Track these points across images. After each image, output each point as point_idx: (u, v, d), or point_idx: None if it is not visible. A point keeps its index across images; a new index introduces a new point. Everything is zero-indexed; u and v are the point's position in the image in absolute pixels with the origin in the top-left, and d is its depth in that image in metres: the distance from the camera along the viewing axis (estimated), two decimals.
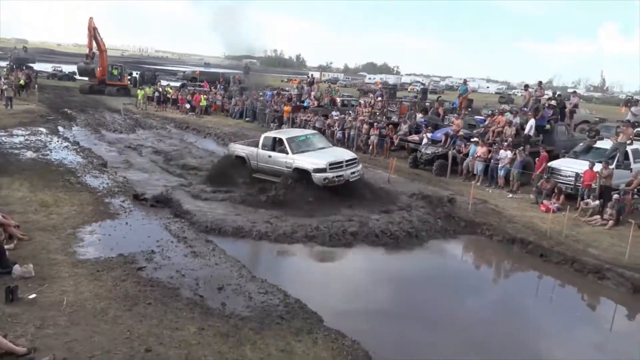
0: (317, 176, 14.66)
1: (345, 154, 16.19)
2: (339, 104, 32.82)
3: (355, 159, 15.95)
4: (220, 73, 55.73)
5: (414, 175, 19.35)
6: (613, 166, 15.78)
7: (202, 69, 70.75)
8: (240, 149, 17.18)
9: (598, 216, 14.21)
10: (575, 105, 23.56)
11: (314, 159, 15.08)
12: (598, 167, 15.35)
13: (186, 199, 14.29)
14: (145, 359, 6.52)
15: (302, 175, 14.94)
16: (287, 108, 29.49)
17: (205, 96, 36.65)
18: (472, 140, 19.21)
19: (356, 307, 9.39)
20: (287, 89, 44.65)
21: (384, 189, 16.20)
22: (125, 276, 8.94)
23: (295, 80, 57.32)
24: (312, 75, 46.04)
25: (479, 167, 18.16)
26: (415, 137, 22.12)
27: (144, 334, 7.07)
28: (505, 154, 17.38)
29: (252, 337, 7.32)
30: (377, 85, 46.61)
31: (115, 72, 44.45)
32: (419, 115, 25.04)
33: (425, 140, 20.95)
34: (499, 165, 17.49)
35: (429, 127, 22.04)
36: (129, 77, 48.55)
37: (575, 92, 30.17)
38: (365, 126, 23.79)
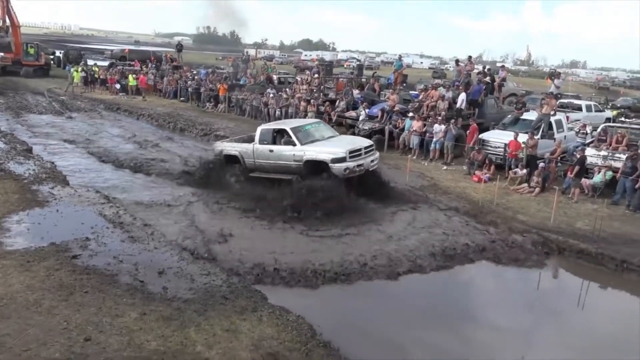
0: (336, 167, 12.80)
1: (361, 141, 14.45)
2: (276, 81, 32.52)
3: (372, 145, 14.19)
4: (151, 51, 53.60)
5: None
6: (538, 136, 16.63)
7: (131, 47, 67.75)
8: (230, 147, 15.11)
9: (525, 184, 15.01)
10: (504, 79, 24.53)
11: (330, 148, 13.25)
12: (524, 137, 16.13)
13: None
14: (85, 348, 6.34)
15: (315, 168, 13.14)
16: (222, 86, 28.93)
17: (135, 76, 35.23)
18: (407, 114, 19.63)
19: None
20: (222, 67, 43.69)
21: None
22: (59, 265, 8.56)
23: (230, 58, 56.13)
24: (247, 52, 45.29)
25: (414, 141, 18.63)
26: (352, 113, 22.33)
27: (82, 323, 6.85)
28: (439, 128, 17.90)
29: (196, 319, 7.26)
30: (313, 62, 46.46)
31: (31, 50, 41.28)
32: (356, 92, 25.24)
33: (362, 116, 21.19)
34: (434, 139, 18.01)
35: (365, 103, 22.29)
36: (51, 57, 45.68)
37: (503, 66, 31.41)
38: (303, 103, 23.73)
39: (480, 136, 17.51)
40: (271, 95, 25.62)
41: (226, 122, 24.75)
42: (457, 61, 23.25)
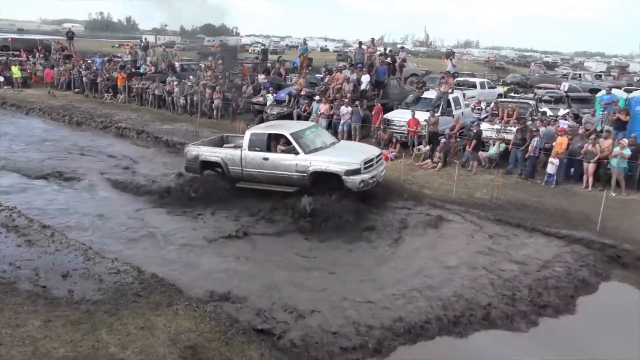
0: (351, 180, 11.46)
1: (370, 149, 13.30)
2: (179, 68, 31.39)
3: (381, 153, 13.21)
4: (37, 40, 49.55)
5: None
6: (438, 114, 17.46)
7: (15, 36, 62.22)
8: (209, 152, 13.07)
9: (429, 160, 15.75)
10: (404, 60, 25.40)
11: (341, 158, 11.82)
12: (426, 115, 16.87)
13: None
14: None
15: (323, 180, 11.79)
16: (120, 76, 27.47)
17: (20, 67, 32.43)
18: (314, 98, 19.80)
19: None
20: (119, 55, 41.41)
21: None
22: None
23: (127, 45, 53.22)
24: (145, 39, 43.28)
25: (323, 123, 18.84)
26: (260, 99, 22.15)
27: None
28: (346, 110, 18.24)
29: (108, 320, 6.95)
30: (216, 48, 45.32)
31: None
32: (262, 76, 25.05)
33: (269, 101, 21.08)
34: (341, 121, 18.34)
35: (271, 88, 22.17)
36: None
37: (403, 47, 32.55)
38: (208, 90, 23.17)
39: (385, 116, 18.08)
40: (175, 83, 24.73)
41: (127, 113, 23.60)
42: (360, 43, 23.69)
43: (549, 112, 19.20)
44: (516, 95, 25.92)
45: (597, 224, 10.89)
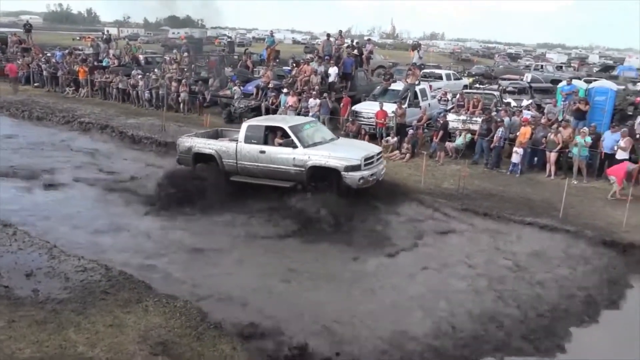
0: (350, 176, 11.19)
1: (371, 146, 12.92)
2: (143, 61, 30.73)
3: (381, 152, 12.97)
4: None
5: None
6: (406, 105, 17.62)
7: None
8: (203, 144, 12.67)
9: (397, 151, 15.91)
10: (371, 52, 25.47)
11: (341, 153, 11.49)
12: (393, 107, 17.01)
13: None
14: None
15: (321, 176, 11.52)
16: (82, 69, 26.71)
17: None
18: (282, 90, 19.70)
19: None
20: (80, 47, 40.26)
21: None
22: None
23: (88, 37, 51.80)
24: (108, 31, 42.21)
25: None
26: (227, 92, 21.92)
27: None
28: (314, 102, 18.22)
29: (75, 319, 6.80)
30: (181, 40, 44.56)
31: None
32: (229, 69, 24.78)
33: (237, 94, 20.88)
34: (310, 113, 18.30)
35: (238, 81, 21.94)
36: None
37: (370, 39, 32.64)
38: (174, 84, 22.79)
39: (353, 108, 18.15)
40: (139, 76, 24.23)
41: (91, 108, 22.99)
42: (328, 35, 23.65)
43: (513, 103, 19.59)
44: (481, 86, 26.36)
45: (559, 210, 11.23)
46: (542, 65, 40.98)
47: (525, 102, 19.46)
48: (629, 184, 12.39)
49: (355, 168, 11.22)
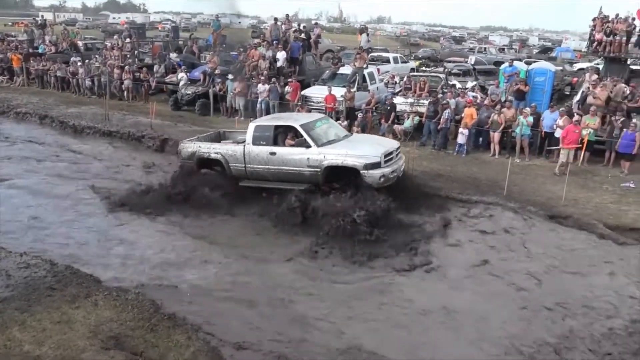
0: (370, 174, 10.42)
1: (388, 141, 12.26)
2: (82, 48, 29.47)
3: (400, 146, 12.01)
4: None
5: (178, 117, 18.94)
6: (355, 89, 17.72)
7: None
8: (207, 148, 11.86)
9: None
10: (319, 36, 25.44)
11: (358, 151, 10.76)
12: (342, 91, 17.08)
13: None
14: None
15: (336, 176, 10.76)
16: (16, 57, 25.38)
17: None
18: (228, 77, 19.37)
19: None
20: (12, 34, 38.16)
21: None
22: None
23: (22, 23, 49.15)
24: (42, 16, 40.06)
25: (240, 102, 18.57)
26: (173, 78, 21.38)
27: None
28: (263, 87, 18.05)
29: (19, 317, 6.54)
30: (122, 25, 42.99)
31: None
32: (174, 55, 24.15)
33: (183, 81, 20.39)
34: (259, 99, 18.14)
35: (184, 67, 21.42)
36: None
37: (317, 23, 32.49)
38: (116, 71, 22.02)
39: (302, 93, 18.10)
40: (79, 63, 23.24)
41: (27, 97, 21.95)
42: (275, 20, 23.38)
43: (458, 85, 20.05)
44: (427, 69, 26.84)
45: (504, 188, 11.64)
46: (485, 48, 42.07)
47: (469, 84, 19.96)
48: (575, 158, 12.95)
49: (375, 166, 10.48)
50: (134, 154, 15.52)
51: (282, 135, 11.30)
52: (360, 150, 10.78)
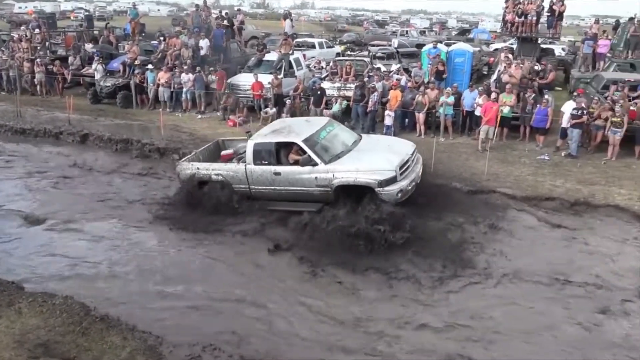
0: (387, 192, 9.42)
1: (402, 145, 10.88)
2: None
3: (415, 148, 10.86)
4: None
5: (98, 111, 18.09)
6: (281, 75, 17.64)
7: None
8: (206, 170, 10.80)
9: None
10: (242, 22, 25.01)
11: (369, 164, 9.71)
12: (269, 77, 16.95)
13: None
14: None
15: (351, 193, 9.67)
16: None
17: None
18: (147, 67, 18.67)
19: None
20: None
21: None
22: None
23: None
24: None
25: (164, 93, 17.99)
26: (90, 70, 20.33)
27: None
28: (187, 77, 17.57)
29: None
30: (30, 15, 40.22)
31: None
32: (89, 46, 22.95)
33: (100, 73, 19.43)
34: (184, 89, 17.66)
35: (101, 58, 20.40)
36: None
37: (240, 9, 31.95)
38: (26, 64, 20.64)
39: (228, 81, 17.80)
40: None
41: None
42: (197, 7, 22.73)
43: (383, 68, 20.44)
44: (352, 53, 27.12)
45: (431, 167, 12.06)
46: (407, 31, 42.99)
47: (394, 67, 20.40)
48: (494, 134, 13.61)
49: (391, 181, 9.48)
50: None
51: (285, 150, 10.26)
52: (373, 164, 9.73)
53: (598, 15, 36.21)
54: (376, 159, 9.87)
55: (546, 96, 14.51)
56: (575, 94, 14.23)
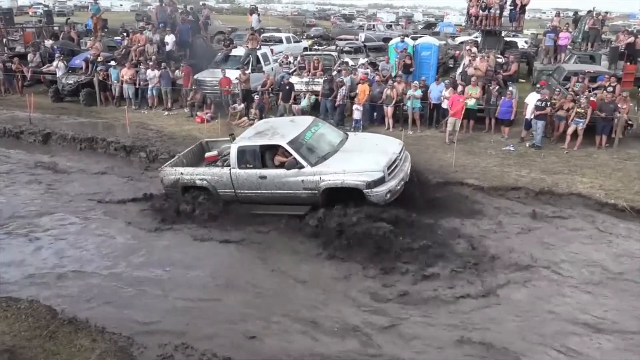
0: (375, 193, 9.30)
1: (390, 143, 10.63)
2: None
3: (402, 145, 10.66)
4: None
5: (60, 109, 17.63)
6: (249, 71, 17.49)
7: None
8: (190, 175, 10.47)
9: (245, 118, 15.83)
10: (208, 17, 24.68)
11: (357, 165, 9.52)
12: (237, 73, 16.79)
13: None
14: None
15: (338, 195, 9.46)
16: None
17: None
18: (109, 64, 18.26)
19: None
20: None
21: None
22: None
23: None
24: None
25: (129, 90, 17.64)
26: (50, 68, 19.76)
27: None
28: (152, 73, 17.25)
29: None
30: None
31: None
32: (49, 42, 22.31)
33: (62, 70, 18.90)
34: (149, 86, 17.35)
35: (61, 55, 19.87)
36: None
37: (205, 4, 31.54)
38: None
39: (195, 77, 17.55)
40: None
41: None
42: (161, 1, 22.28)
43: (351, 62, 20.49)
44: (320, 48, 27.09)
45: None
46: (373, 25, 43.15)
47: (361, 61, 20.47)
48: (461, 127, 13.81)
49: (379, 182, 9.31)
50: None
51: (270, 152, 10.00)
52: (360, 165, 9.54)
53: (559, 9, 37.07)
54: (363, 160, 9.68)
55: (510, 88, 14.81)
56: (538, 85, 14.54)
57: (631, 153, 12.90)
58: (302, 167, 9.56)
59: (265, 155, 9.95)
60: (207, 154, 11.56)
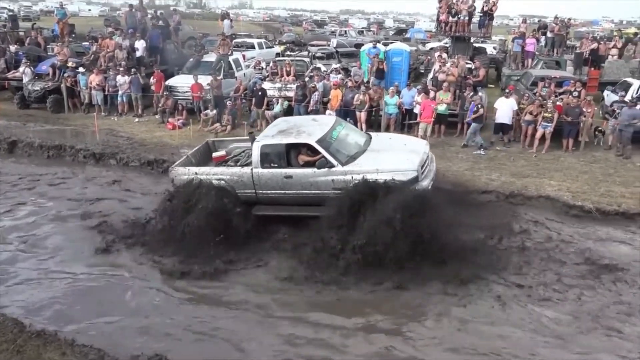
0: None
1: (416, 143, 10.42)
2: None
3: (428, 147, 10.44)
4: None
5: (27, 116, 17.19)
6: (221, 77, 17.39)
7: None
8: (207, 175, 9.83)
9: (218, 124, 15.72)
10: (179, 23, 24.45)
11: (390, 164, 9.11)
12: (208, 79, 16.68)
13: None
14: None
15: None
16: None
17: None
18: (77, 70, 17.92)
19: None
20: None
21: None
22: None
23: None
24: None
25: (98, 96, 17.33)
26: (16, 74, 19.26)
27: None
28: (123, 79, 17.00)
29: None
30: None
31: None
32: (14, 47, 21.76)
33: (28, 76, 18.44)
34: (119, 92, 17.08)
35: (27, 61, 19.37)
36: None
37: (176, 9, 31.21)
38: None
39: (166, 82, 17.37)
40: None
41: None
42: (130, 6, 21.98)
43: (323, 68, 20.58)
44: (292, 53, 27.11)
45: None
46: (345, 31, 43.50)
47: (334, 66, 20.56)
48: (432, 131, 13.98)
49: (413, 182, 8.92)
50: None
51: (294, 151, 9.58)
52: (393, 164, 9.18)
53: (525, 15, 38.01)
54: (397, 159, 9.39)
55: (480, 93, 15.07)
56: (506, 90, 14.86)
57: (597, 156, 13.27)
58: (332, 166, 9.22)
59: (291, 153, 9.56)
60: (215, 154, 11.14)
